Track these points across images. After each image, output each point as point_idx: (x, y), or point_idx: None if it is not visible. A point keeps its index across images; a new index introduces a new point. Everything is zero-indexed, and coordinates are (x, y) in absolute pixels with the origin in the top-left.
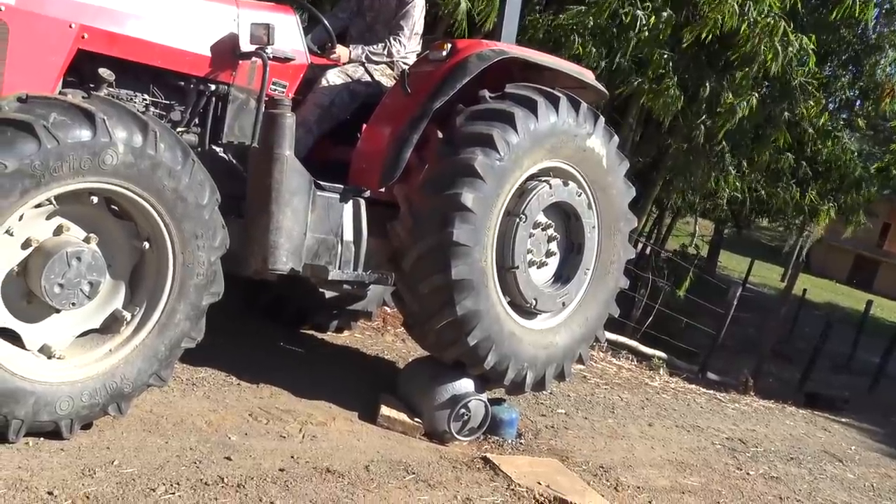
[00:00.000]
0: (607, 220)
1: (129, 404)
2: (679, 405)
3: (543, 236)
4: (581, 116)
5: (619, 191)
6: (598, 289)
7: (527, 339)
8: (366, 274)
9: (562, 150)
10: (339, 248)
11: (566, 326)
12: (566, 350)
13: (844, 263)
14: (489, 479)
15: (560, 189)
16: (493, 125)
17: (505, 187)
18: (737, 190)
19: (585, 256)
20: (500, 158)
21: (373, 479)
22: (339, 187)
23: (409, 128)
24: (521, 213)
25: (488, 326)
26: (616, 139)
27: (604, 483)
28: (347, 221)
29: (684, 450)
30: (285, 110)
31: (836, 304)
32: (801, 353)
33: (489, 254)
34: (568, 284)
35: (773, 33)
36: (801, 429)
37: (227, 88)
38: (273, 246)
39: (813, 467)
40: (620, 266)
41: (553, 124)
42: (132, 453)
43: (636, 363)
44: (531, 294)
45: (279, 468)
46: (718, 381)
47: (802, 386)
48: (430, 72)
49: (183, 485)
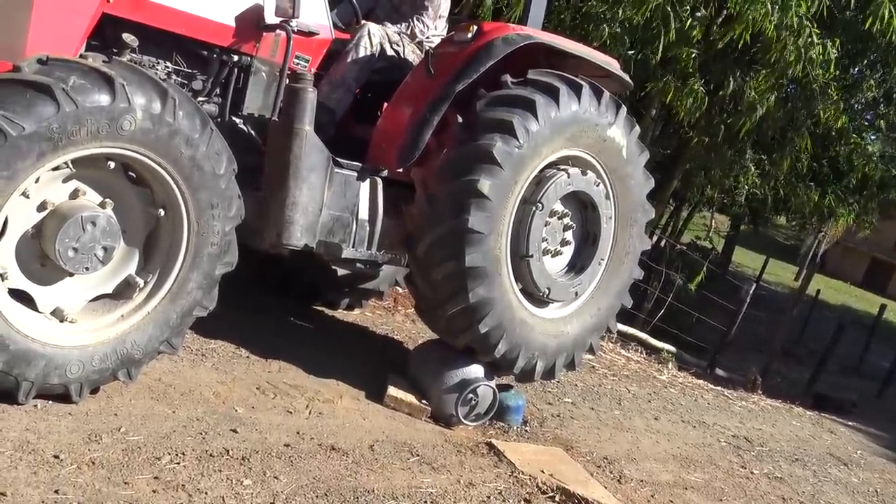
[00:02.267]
0: (624, 210)
1: (138, 370)
2: (686, 400)
3: (559, 225)
4: (603, 106)
5: (638, 182)
6: (612, 279)
7: (538, 327)
8: (379, 254)
9: (582, 139)
10: (353, 227)
11: (578, 316)
12: (577, 340)
13: (859, 265)
14: (493, 464)
15: (578, 178)
16: (513, 112)
17: (522, 175)
18: (756, 187)
19: (601, 247)
20: (518, 146)
21: (377, 459)
22: (357, 165)
23: (430, 110)
24: (538, 202)
25: (500, 314)
26: (637, 129)
27: (607, 474)
28: (363, 200)
29: (689, 445)
30: (307, 85)
31: (849, 306)
32: (811, 354)
33: (504, 241)
34: (582, 274)
35: (799, 36)
36: (808, 430)
37: (249, 60)
38: (288, 221)
39: (818, 469)
40: (635, 257)
41: (574, 113)
42: (139, 421)
43: (645, 356)
44: (544, 283)
45: (284, 443)
46: (726, 378)
47: (811, 387)
48: (454, 53)
49: (188, 455)
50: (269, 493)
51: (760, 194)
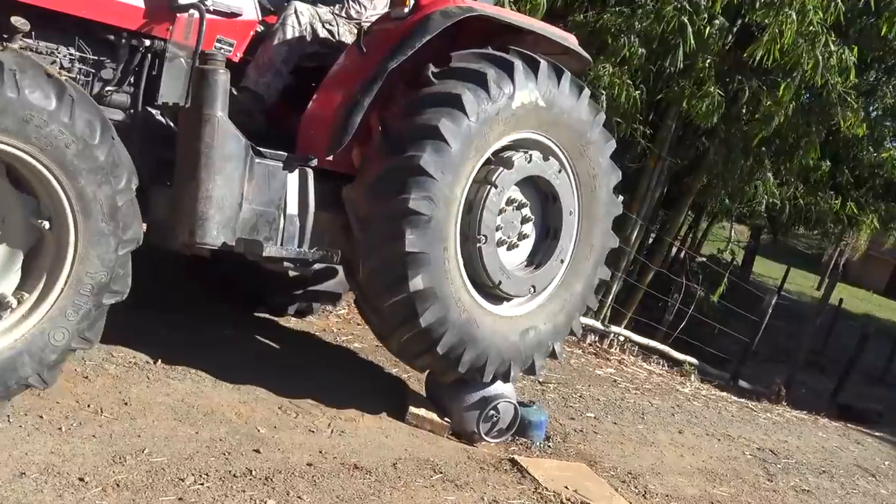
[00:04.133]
0: (588, 204)
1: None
2: (710, 413)
3: (517, 216)
4: (558, 83)
5: (604, 172)
6: (575, 279)
7: (494, 325)
8: (310, 252)
9: (532, 120)
10: (280, 222)
11: (537, 316)
12: (536, 342)
13: (882, 274)
14: (516, 481)
15: (539, 163)
16: (437, 113)
17: (464, 170)
18: (775, 197)
19: (561, 243)
20: (448, 150)
21: (400, 478)
22: (282, 154)
23: (361, 91)
24: (493, 182)
25: (456, 328)
26: (602, 116)
27: (632, 490)
28: (292, 193)
29: (714, 459)
30: (218, 66)
31: (872, 315)
32: (834, 364)
33: (452, 245)
34: (539, 270)
35: (816, 43)
36: (834, 441)
37: (163, 44)
38: (202, 217)
39: (845, 481)
40: (601, 256)
41: (522, 94)
42: (162, 442)
43: (667, 368)
44: (497, 273)
45: (307, 462)
46: (750, 390)
47: (835, 397)
48: (388, 30)
49: (211, 476)
50: None
51: (780, 204)
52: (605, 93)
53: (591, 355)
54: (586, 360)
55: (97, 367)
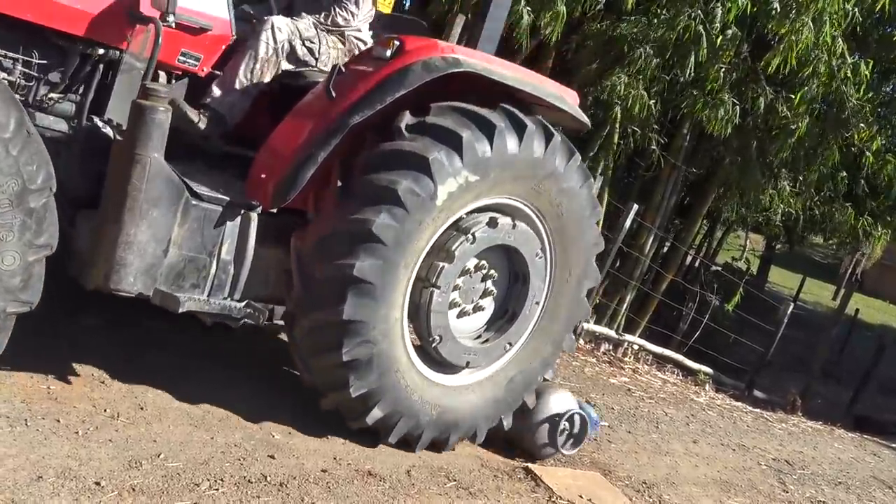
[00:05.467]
0: (558, 298)
1: None
2: (725, 423)
3: (478, 285)
4: (573, 168)
5: (586, 275)
6: (530, 354)
7: (440, 398)
8: (238, 305)
9: (538, 194)
10: (211, 269)
11: (486, 387)
12: (485, 414)
13: None
14: (530, 489)
15: (521, 234)
16: (401, 175)
17: (456, 202)
18: (791, 206)
19: (514, 329)
20: (406, 217)
21: (414, 485)
22: (224, 199)
23: (319, 142)
24: (452, 253)
25: (393, 398)
26: (592, 183)
27: (646, 499)
28: (229, 238)
29: (729, 469)
30: (158, 103)
31: (888, 325)
32: (851, 375)
33: (400, 313)
34: (483, 346)
35: (832, 53)
36: (850, 453)
37: (118, 55)
38: (119, 262)
39: (861, 493)
40: (550, 358)
41: (538, 159)
42: (178, 447)
43: (681, 378)
44: (438, 327)
45: (321, 469)
46: (765, 400)
47: (852, 408)
48: (363, 74)
49: (227, 481)
50: None
51: (795, 214)
52: (619, 102)
53: (605, 364)
54: (600, 369)
55: (114, 373)
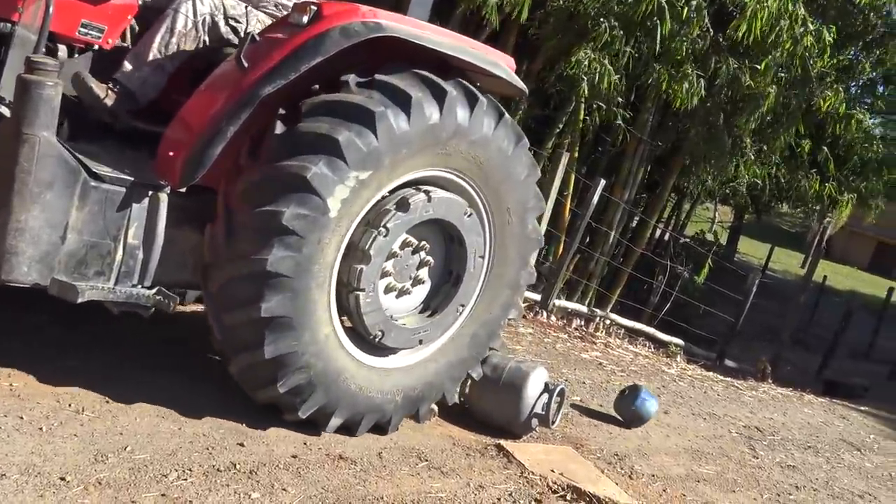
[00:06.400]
0: (502, 247)
1: None
2: (695, 393)
3: (412, 260)
4: (479, 116)
5: (526, 209)
6: (477, 325)
7: (365, 379)
8: (147, 293)
9: (446, 157)
10: (117, 256)
11: (423, 368)
12: (414, 397)
13: (866, 250)
14: (502, 466)
15: (442, 204)
16: (343, 125)
17: (355, 202)
18: (756, 176)
19: (462, 290)
20: (346, 169)
21: (385, 466)
22: (128, 179)
23: (228, 117)
24: (382, 227)
25: (310, 370)
26: (526, 143)
27: (618, 471)
28: (136, 222)
29: (700, 438)
30: (45, 77)
31: (856, 291)
32: (820, 341)
33: (326, 278)
34: (433, 318)
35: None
36: (820, 417)
37: (9, 27)
38: (10, 251)
39: (830, 456)
40: (512, 297)
41: (434, 125)
42: (145, 439)
43: (653, 350)
44: (377, 324)
45: (292, 454)
46: (736, 369)
47: (821, 374)
48: (278, 42)
49: (195, 471)
50: None
51: (761, 183)
52: (585, 78)
53: (576, 339)
54: (572, 345)
55: (77, 368)
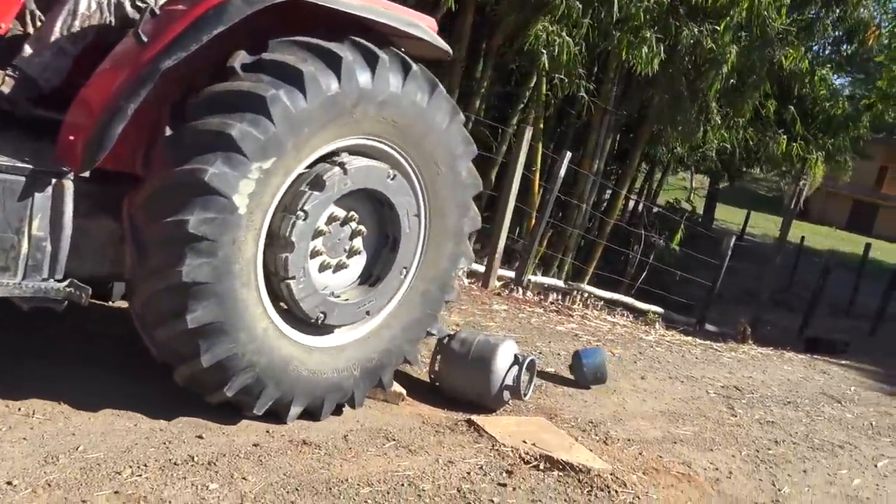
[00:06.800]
0: (438, 206)
1: None
2: (673, 357)
3: (343, 233)
4: (383, 74)
5: (455, 156)
6: (425, 285)
7: (313, 363)
8: (58, 286)
9: (357, 124)
10: (21, 250)
11: (374, 339)
12: (370, 368)
13: (843, 209)
14: (473, 441)
15: (363, 173)
16: (234, 117)
17: (265, 194)
18: (725, 140)
19: (402, 253)
20: (246, 163)
21: (351, 449)
22: (26, 168)
23: (127, 94)
24: (300, 210)
25: (255, 367)
26: (441, 89)
27: (592, 438)
28: (40, 213)
29: (677, 400)
30: None
31: (836, 249)
32: (801, 301)
33: (251, 272)
34: (377, 288)
35: None
36: (800, 373)
37: None
38: None
39: (811, 409)
40: (457, 250)
41: (334, 95)
42: (99, 438)
43: (632, 319)
44: (317, 307)
45: (253, 443)
46: (717, 332)
47: (802, 332)
48: (177, 14)
49: (150, 466)
50: (237, 494)
51: (730, 147)
52: (544, 52)
53: (552, 313)
54: (547, 318)
55: (27, 371)
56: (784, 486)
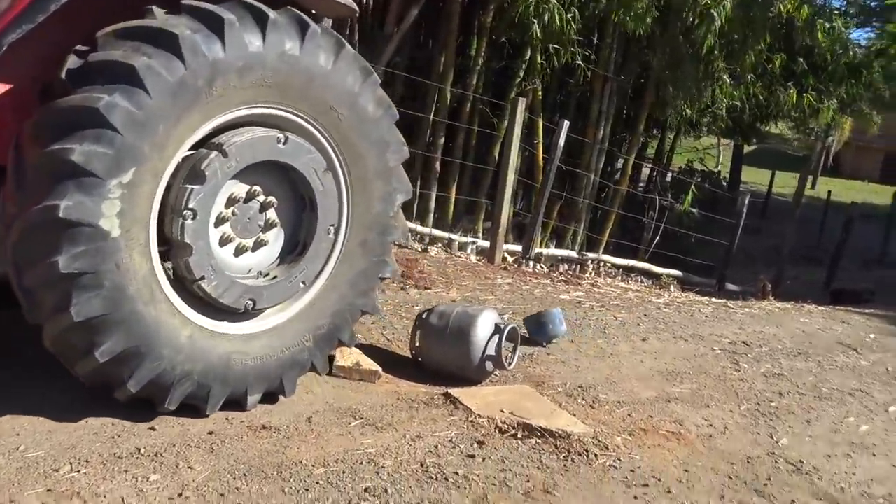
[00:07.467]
0: (346, 140)
1: None
2: (681, 317)
3: (251, 210)
4: (235, 37)
5: (355, 96)
6: (362, 235)
7: (266, 346)
8: None
9: (224, 98)
10: None
11: (323, 299)
12: (332, 323)
13: (875, 162)
14: (447, 414)
15: (242, 150)
16: (72, 140)
17: (137, 206)
18: (734, 98)
19: (322, 211)
20: (101, 183)
21: (313, 430)
22: None
23: None
24: (186, 209)
25: (192, 374)
26: (349, 52)
27: (579, 402)
28: None
29: (678, 359)
30: None
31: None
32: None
33: (150, 288)
34: (305, 254)
35: None
36: (818, 325)
37: None
38: None
39: (822, 360)
40: (387, 188)
41: (183, 77)
42: (44, 437)
43: (647, 285)
44: (240, 298)
45: (208, 431)
46: (738, 291)
47: (829, 285)
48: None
49: (92, 461)
50: (178, 484)
51: (739, 105)
52: (535, 21)
53: (560, 283)
54: (553, 288)
55: None
56: (783, 437)
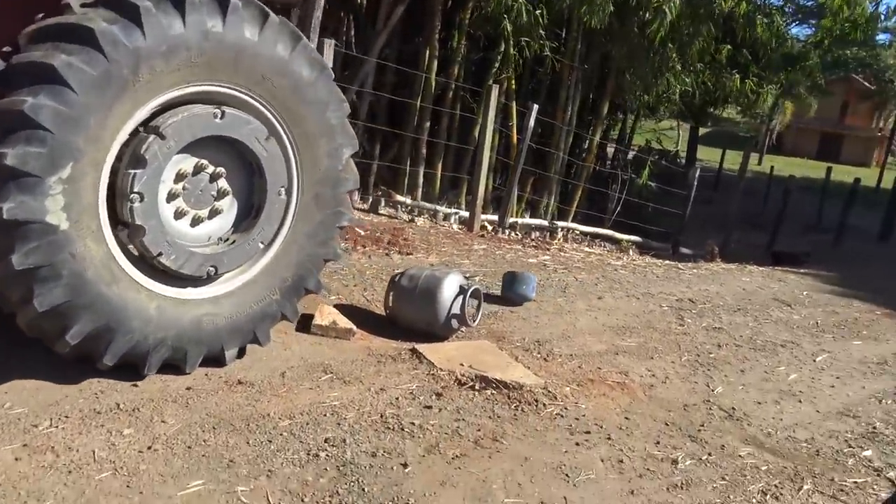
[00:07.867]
0: (289, 109)
1: None
2: (635, 277)
3: (201, 182)
4: (153, 20)
5: (298, 78)
6: (314, 190)
7: (235, 305)
8: None
9: (154, 83)
10: None
11: (285, 254)
12: (232, 327)
13: (812, 141)
14: (411, 368)
15: (178, 130)
16: (6, 143)
17: (83, 196)
18: (686, 85)
19: (271, 175)
20: (40, 181)
21: (285, 384)
22: None
23: None
24: (134, 193)
25: (167, 341)
26: (275, 20)
27: (534, 356)
28: None
29: (629, 315)
30: None
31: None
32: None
33: (109, 269)
34: (259, 217)
35: None
36: (757, 283)
37: None
38: None
39: (759, 314)
40: (332, 143)
41: (107, 70)
42: (28, 394)
43: (609, 249)
44: (202, 266)
45: (186, 387)
46: (691, 254)
47: (770, 248)
48: None
49: (72, 417)
50: (150, 437)
51: (690, 91)
52: (506, 17)
53: (530, 248)
54: (523, 253)
55: None
56: (718, 386)
